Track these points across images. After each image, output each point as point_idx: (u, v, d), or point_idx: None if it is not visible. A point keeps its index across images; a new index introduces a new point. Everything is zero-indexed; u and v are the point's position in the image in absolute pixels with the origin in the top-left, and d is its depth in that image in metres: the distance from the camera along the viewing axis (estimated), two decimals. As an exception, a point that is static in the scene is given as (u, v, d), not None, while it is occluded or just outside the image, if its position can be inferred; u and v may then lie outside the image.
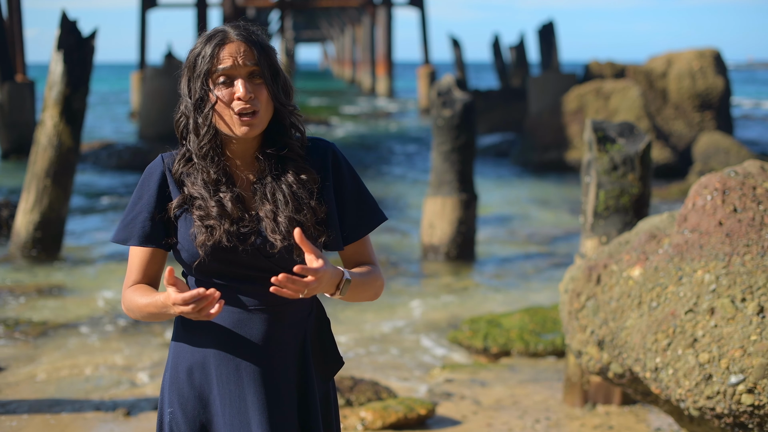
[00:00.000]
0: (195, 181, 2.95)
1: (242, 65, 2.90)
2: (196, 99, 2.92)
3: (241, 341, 2.94)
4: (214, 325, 2.94)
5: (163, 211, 2.96)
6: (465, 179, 12.81)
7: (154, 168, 3.00)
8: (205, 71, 2.90)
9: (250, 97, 2.88)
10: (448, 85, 12.90)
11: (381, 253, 13.16)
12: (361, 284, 2.94)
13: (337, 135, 32.46)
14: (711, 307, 4.84)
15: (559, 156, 22.59)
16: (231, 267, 2.91)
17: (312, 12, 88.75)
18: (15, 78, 23.86)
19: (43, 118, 12.48)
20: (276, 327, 2.96)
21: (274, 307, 2.95)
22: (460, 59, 39.39)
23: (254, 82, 2.92)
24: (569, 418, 6.94)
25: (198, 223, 2.90)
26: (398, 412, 6.77)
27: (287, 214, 2.92)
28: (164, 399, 3.03)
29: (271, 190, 2.94)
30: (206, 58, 2.90)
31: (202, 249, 2.88)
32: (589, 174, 7.14)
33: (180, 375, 2.99)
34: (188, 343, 2.99)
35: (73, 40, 12.42)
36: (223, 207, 2.91)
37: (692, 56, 23.47)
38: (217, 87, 2.90)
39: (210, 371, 2.96)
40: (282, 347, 2.98)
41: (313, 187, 2.97)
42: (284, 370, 2.98)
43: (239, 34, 2.92)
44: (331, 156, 3.05)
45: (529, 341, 8.60)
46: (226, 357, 2.94)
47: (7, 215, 14.27)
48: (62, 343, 8.79)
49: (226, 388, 2.94)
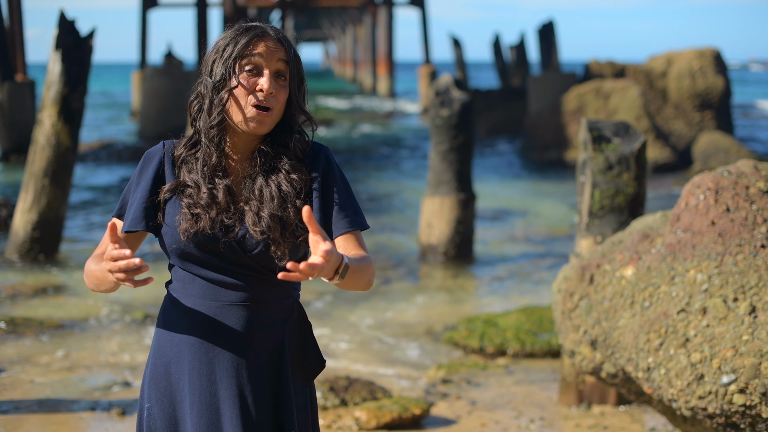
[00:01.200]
0: (192, 168, 2.98)
1: (274, 59, 2.94)
2: (217, 79, 2.94)
3: (217, 336, 2.95)
4: (192, 319, 2.95)
5: (155, 195, 2.99)
6: (463, 179, 12.79)
7: (153, 153, 3.04)
8: (235, 55, 2.93)
9: (270, 93, 2.92)
10: (446, 85, 12.89)
11: (379, 252, 13.15)
12: (357, 270, 2.88)
13: (337, 134, 32.47)
14: (703, 306, 4.83)
15: (559, 155, 22.59)
16: (212, 258, 2.92)
17: (313, 12, 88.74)
18: (15, 78, 23.85)
19: (41, 118, 12.48)
20: (254, 324, 2.96)
21: (254, 304, 2.95)
22: (460, 59, 39.37)
23: (278, 82, 2.96)
24: (564, 418, 6.94)
25: (185, 210, 2.92)
26: (393, 412, 6.77)
27: (270, 211, 2.92)
28: (143, 394, 3.03)
29: (259, 185, 2.96)
30: (240, 44, 2.94)
31: (184, 235, 2.89)
32: (585, 173, 7.13)
33: (158, 370, 2.99)
34: (167, 338, 2.99)
35: (71, 39, 12.41)
36: (213, 196, 2.93)
37: (692, 56, 23.46)
38: (242, 74, 2.93)
39: (184, 365, 2.96)
40: (258, 345, 2.97)
41: (302, 187, 2.97)
42: (259, 368, 2.97)
43: (277, 34, 2.97)
44: (323, 159, 3.05)
45: (525, 341, 8.59)
46: (201, 351, 2.95)
47: (5, 215, 14.28)
48: (59, 342, 8.78)
49: (197, 382, 2.94)
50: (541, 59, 33.06)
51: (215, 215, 2.91)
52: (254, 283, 2.95)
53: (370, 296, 10.70)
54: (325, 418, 6.81)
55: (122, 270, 2.70)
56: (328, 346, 8.74)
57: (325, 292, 10.82)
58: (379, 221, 15.84)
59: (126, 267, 2.70)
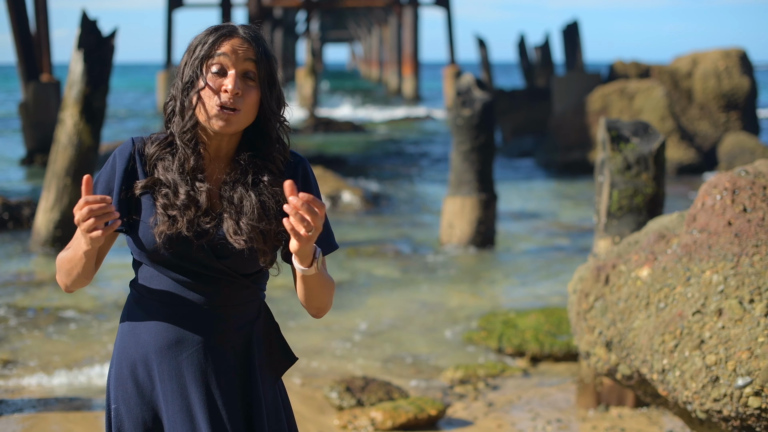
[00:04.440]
0: (169, 166, 2.92)
1: (240, 59, 2.88)
2: (186, 81, 2.90)
3: (185, 339, 2.91)
4: (159, 321, 2.92)
5: (127, 192, 2.92)
6: (484, 179, 12.76)
7: (124, 149, 2.96)
8: (202, 56, 2.89)
9: (236, 93, 2.86)
10: (467, 85, 12.86)
11: (400, 251, 13.11)
12: (325, 278, 2.92)
13: (362, 138, 32.48)
14: (719, 308, 4.78)
15: (583, 156, 22.47)
16: (183, 261, 2.88)
17: (340, 12, 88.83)
18: (40, 78, 23.97)
19: (63, 117, 12.53)
20: (222, 326, 2.93)
21: (222, 307, 2.93)
22: (486, 59, 39.26)
23: (247, 83, 2.90)
24: (581, 420, 6.88)
25: (160, 211, 2.87)
26: (408, 413, 6.74)
27: (251, 222, 2.88)
28: (110, 395, 3.00)
29: (239, 194, 2.91)
30: (207, 44, 2.89)
31: (160, 237, 2.84)
32: (603, 173, 7.07)
33: (123, 371, 2.96)
34: (132, 339, 2.96)
35: (93, 39, 12.46)
36: (193, 199, 2.88)
37: (718, 56, 23.30)
38: (210, 75, 2.88)
39: (152, 367, 2.92)
40: (226, 348, 2.95)
41: (282, 201, 2.93)
42: (228, 369, 2.95)
43: (246, 33, 2.91)
44: (301, 170, 3.03)
45: (543, 342, 8.54)
46: (168, 353, 2.91)
47: (28, 213, 14.34)
48: (74, 334, 8.80)
49: (168, 384, 2.91)
50: (565, 59, 32.94)
51: (192, 217, 2.86)
52: (223, 286, 2.92)
53: (388, 293, 10.67)
54: (341, 418, 6.79)
55: (95, 214, 2.65)
56: (343, 345, 8.72)
57: (344, 282, 10.81)
58: (402, 220, 15.81)
59: (99, 210, 2.65)
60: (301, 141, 30.17)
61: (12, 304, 10.13)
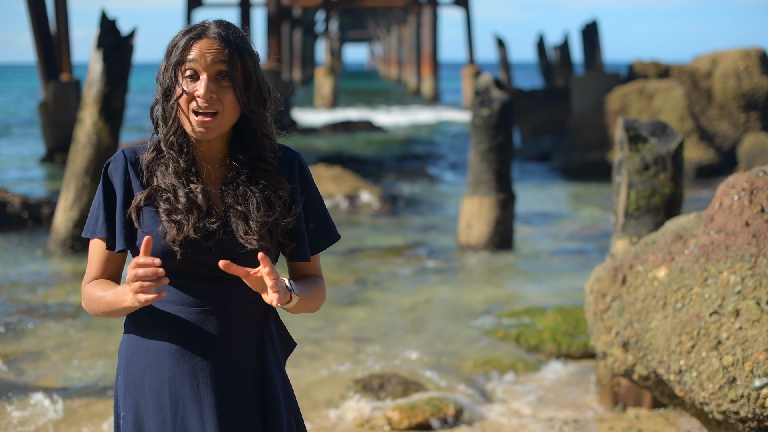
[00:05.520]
0: (166, 171, 2.91)
1: (210, 63, 2.85)
2: (165, 88, 2.90)
3: (197, 342, 2.90)
4: (169, 326, 2.90)
5: (128, 207, 2.92)
6: (502, 179, 12.74)
7: (117, 162, 2.95)
8: (175, 62, 2.87)
9: (210, 97, 2.84)
10: (486, 84, 12.84)
11: (418, 249, 13.12)
12: (306, 300, 2.97)
13: (382, 137, 32.48)
14: (736, 308, 4.76)
15: (602, 156, 22.40)
16: (191, 264, 2.87)
17: (359, 12, 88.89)
18: (60, 77, 24.07)
19: (82, 117, 12.57)
20: (233, 328, 2.93)
21: (232, 307, 2.92)
22: (505, 59, 39.21)
23: (221, 83, 2.87)
24: (599, 421, 6.87)
25: (165, 218, 2.86)
26: (425, 413, 6.73)
27: (259, 219, 2.89)
28: (118, 403, 2.98)
29: (243, 192, 2.91)
30: (179, 48, 2.87)
31: (174, 244, 2.84)
32: (621, 173, 7.06)
33: (133, 378, 2.94)
34: (141, 345, 2.94)
35: (112, 39, 12.50)
36: (192, 200, 2.87)
37: (738, 56, 23.18)
38: (184, 80, 2.87)
39: (164, 373, 2.90)
40: (239, 348, 2.94)
41: (285, 196, 2.95)
42: (241, 371, 2.95)
43: (217, 32, 2.88)
44: (297, 166, 3.03)
45: (561, 342, 8.52)
46: (182, 358, 2.90)
47: (47, 212, 14.40)
48: (97, 326, 8.84)
49: (180, 390, 2.90)
50: (584, 59, 32.87)
51: (197, 220, 2.86)
52: (232, 287, 2.91)
53: (405, 292, 10.68)
54: (358, 417, 6.79)
55: (148, 277, 2.66)
56: (360, 343, 8.72)
57: (362, 279, 10.82)
58: (420, 220, 15.81)
59: (153, 274, 2.65)
60: (320, 141, 30.20)
61: (32, 300, 10.18)
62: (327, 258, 12.15)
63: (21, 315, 9.67)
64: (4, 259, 12.35)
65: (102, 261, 2.97)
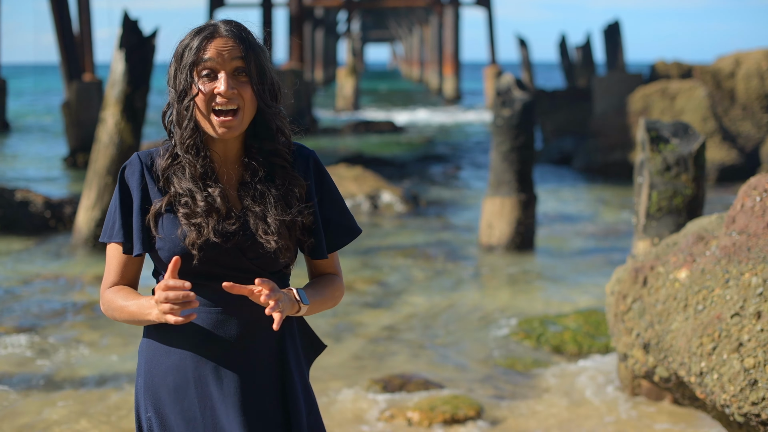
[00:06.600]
0: (183, 176, 2.92)
1: (227, 60, 2.88)
2: (179, 90, 2.90)
3: (220, 342, 2.91)
4: (191, 326, 2.91)
5: (146, 212, 2.93)
6: (524, 179, 12.72)
7: (133, 167, 2.96)
8: (190, 63, 2.88)
9: (232, 93, 2.86)
10: (507, 85, 12.82)
11: (439, 250, 13.11)
12: (318, 304, 3.00)
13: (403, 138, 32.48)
14: (758, 311, 4.73)
15: (624, 156, 22.33)
16: (211, 266, 2.88)
17: (381, 12, 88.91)
18: (83, 77, 24.18)
19: (104, 117, 12.63)
20: (254, 327, 2.94)
21: (252, 307, 2.92)
22: (527, 59, 39.19)
23: (239, 79, 2.90)
24: (617, 422, 6.85)
25: (184, 221, 2.87)
26: (445, 413, 6.73)
27: (277, 217, 2.90)
28: (140, 404, 2.99)
29: (260, 191, 2.93)
30: (193, 49, 2.88)
31: (194, 248, 2.85)
32: (642, 174, 7.03)
33: (155, 379, 2.95)
34: (163, 346, 2.95)
35: (135, 39, 12.55)
36: (210, 203, 2.88)
37: (761, 56, 23.05)
38: (201, 80, 2.88)
39: (187, 373, 2.92)
40: (260, 347, 2.95)
41: (301, 193, 2.97)
42: (264, 370, 2.95)
43: (228, 30, 2.90)
44: (313, 164, 3.05)
45: (582, 343, 8.50)
46: (205, 358, 2.91)
47: (69, 212, 14.46)
48: (114, 329, 8.89)
49: (205, 390, 2.91)
50: (606, 60, 32.79)
51: (216, 223, 2.87)
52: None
53: (426, 293, 10.67)
54: (378, 417, 6.79)
55: (178, 300, 2.70)
56: (381, 343, 8.73)
57: (383, 280, 10.83)
58: (442, 221, 15.80)
59: (183, 298, 2.70)
60: (341, 141, 30.23)
61: (54, 299, 10.23)
62: (347, 258, 12.16)
63: (42, 313, 9.73)
64: (27, 258, 12.42)
65: (120, 265, 2.99)
